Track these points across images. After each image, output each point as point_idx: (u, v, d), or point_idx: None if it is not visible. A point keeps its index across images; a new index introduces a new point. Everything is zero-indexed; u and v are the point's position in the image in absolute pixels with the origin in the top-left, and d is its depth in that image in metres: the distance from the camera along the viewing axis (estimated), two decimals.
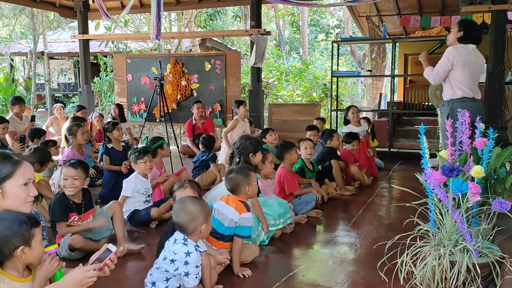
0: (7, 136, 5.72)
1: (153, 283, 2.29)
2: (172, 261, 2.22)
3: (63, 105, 9.09)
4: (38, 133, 5.71)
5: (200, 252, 2.29)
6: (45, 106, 14.12)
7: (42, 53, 14.01)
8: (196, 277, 2.23)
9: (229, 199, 2.90)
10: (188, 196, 2.40)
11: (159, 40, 6.25)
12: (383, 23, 9.60)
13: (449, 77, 4.00)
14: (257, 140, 3.73)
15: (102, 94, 11.94)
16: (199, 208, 2.25)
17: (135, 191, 3.82)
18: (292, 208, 3.84)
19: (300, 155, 4.60)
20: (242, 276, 2.75)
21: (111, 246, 1.86)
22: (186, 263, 2.20)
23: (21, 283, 1.79)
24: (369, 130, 6.33)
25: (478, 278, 2.18)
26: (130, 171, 4.27)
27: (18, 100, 6.70)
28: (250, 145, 3.56)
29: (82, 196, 3.23)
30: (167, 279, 2.26)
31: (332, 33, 21.22)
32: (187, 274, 2.21)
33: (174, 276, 2.23)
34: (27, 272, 1.84)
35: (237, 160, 3.55)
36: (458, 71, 3.94)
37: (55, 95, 14.52)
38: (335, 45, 8.41)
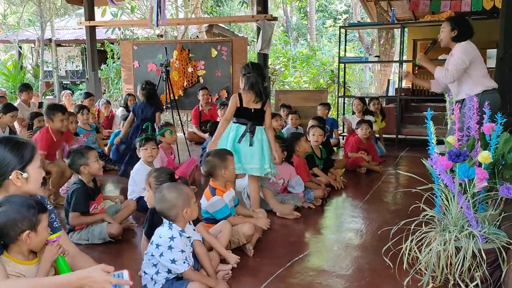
0: (15, 123, 5.76)
1: (145, 271, 2.27)
2: (157, 245, 2.19)
3: (71, 92, 9.12)
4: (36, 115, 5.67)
5: (187, 237, 2.26)
6: (53, 93, 14.19)
7: (50, 40, 14.02)
8: (184, 262, 2.19)
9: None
10: (166, 184, 2.37)
11: (154, 26, 6.23)
12: (392, 8, 9.45)
13: (468, 74, 3.84)
14: None
15: (110, 81, 11.97)
16: (175, 196, 2.23)
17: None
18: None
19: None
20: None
21: (126, 274, 1.75)
22: (170, 247, 2.16)
23: (26, 266, 1.80)
24: (378, 113, 6.62)
25: (484, 264, 2.17)
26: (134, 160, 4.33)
27: (26, 87, 6.75)
28: None
29: (92, 180, 3.27)
30: (155, 265, 2.22)
31: (340, 19, 20.95)
32: (173, 261, 2.16)
33: (159, 262, 2.19)
34: (32, 256, 1.85)
35: None
36: (477, 66, 3.83)
37: (63, 82, 14.57)
38: (343, 30, 8.31)
